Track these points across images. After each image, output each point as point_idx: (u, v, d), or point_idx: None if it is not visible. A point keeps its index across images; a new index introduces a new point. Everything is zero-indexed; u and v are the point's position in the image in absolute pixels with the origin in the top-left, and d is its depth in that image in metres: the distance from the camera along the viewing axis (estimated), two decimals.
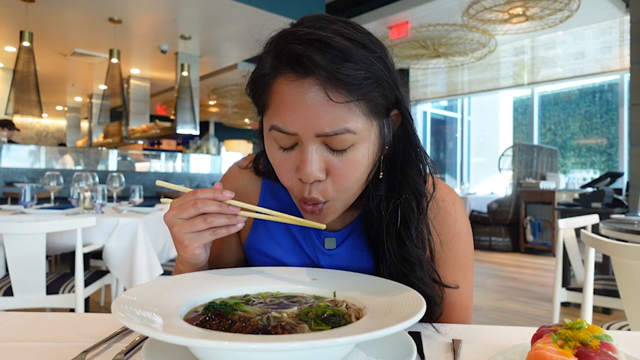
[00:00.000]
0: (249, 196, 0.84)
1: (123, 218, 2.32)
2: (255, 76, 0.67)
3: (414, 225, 0.71)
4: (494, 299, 3.93)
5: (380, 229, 0.72)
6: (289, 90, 0.62)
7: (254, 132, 0.85)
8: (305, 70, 0.60)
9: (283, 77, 0.62)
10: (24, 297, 1.97)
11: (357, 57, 0.60)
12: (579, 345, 0.46)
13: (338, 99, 0.60)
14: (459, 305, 0.80)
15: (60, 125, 13.51)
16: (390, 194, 0.72)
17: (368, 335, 0.42)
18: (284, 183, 0.69)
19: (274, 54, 0.64)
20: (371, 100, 0.63)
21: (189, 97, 7.12)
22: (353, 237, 0.78)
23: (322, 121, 0.61)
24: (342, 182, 0.65)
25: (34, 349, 0.59)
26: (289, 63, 0.61)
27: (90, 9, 5.72)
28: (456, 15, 6.29)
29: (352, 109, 0.61)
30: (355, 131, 0.62)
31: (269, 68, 0.64)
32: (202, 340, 0.41)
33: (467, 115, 9.84)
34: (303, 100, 0.60)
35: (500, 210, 6.69)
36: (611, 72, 7.18)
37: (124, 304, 0.51)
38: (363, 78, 0.61)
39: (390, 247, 0.70)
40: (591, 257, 1.75)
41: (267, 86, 0.65)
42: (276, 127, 0.64)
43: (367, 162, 0.67)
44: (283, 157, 0.66)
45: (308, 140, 0.63)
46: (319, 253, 0.78)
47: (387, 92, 0.65)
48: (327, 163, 0.64)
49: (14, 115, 5.60)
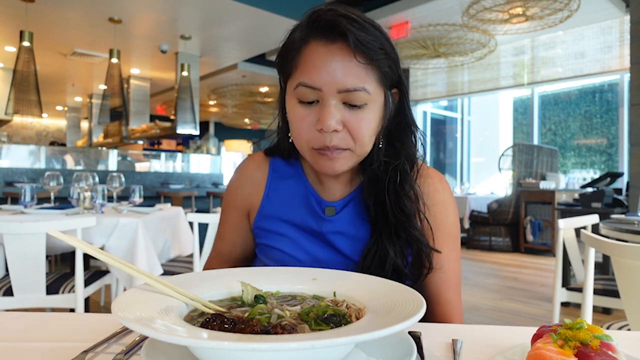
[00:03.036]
0: (258, 177, 0.94)
1: (123, 218, 2.32)
2: (286, 45, 0.80)
3: (408, 184, 0.84)
4: (494, 299, 3.93)
5: (382, 188, 0.83)
6: (319, 52, 0.75)
7: (254, 132, 0.91)
8: (336, 36, 0.74)
9: (315, 42, 0.76)
10: (24, 297, 1.96)
11: (375, 34, 0.76)
12: (579, 345, 0.46)
13: (361, 61, 0.74)
14: (448, 283, 0.86)
15: (60, 125, 13.51)
16: (389, 159, 0.84)
17: (368, 335, 0.42)
18: (301, 136, 0.79)
19: (307, 25, 0.77)
20: (381, 69, 0.77)
21: (189, 97, 7.11)
22: (350, 206, 0.88)
23: (345, 78, 0.73)
24: (357, 135, 0.77)
25: (34, 349, 0.59)
26: (321, 30, 0.75)
27: (90, 9, 5.72)
28: (456, 15, 6.29)
29: (369, 72, 0.75)
30: (369, 91, 0.75)
31: (300, 37, 0.78)
32: (202, 340, 0.41)
33: (467, 115, 9.83)
34: (331, 60, 0.74)
35: (500, 210, 6.69)
36: (611, 72, 7.18)
37: (124, 303, 0.51)
38: (378, 48, 0.75)
39: (390, 200, 0.82)
40: (591, 257, 1.75)
41: (298, 51, 0.77)
42: (303, 83, 0.75)
43: (375, 123, 0.79)
44: (304, 112, 0.77)
45: (330, 96, 0.75)
46: (320, 220, 0.88)
47: (393, 67, 0.79)
48: (344, 118, 0.76)
49: (13, 115, 5.59)
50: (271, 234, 0.90)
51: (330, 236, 0.87)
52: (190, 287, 0.62)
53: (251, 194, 0.94)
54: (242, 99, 10.60)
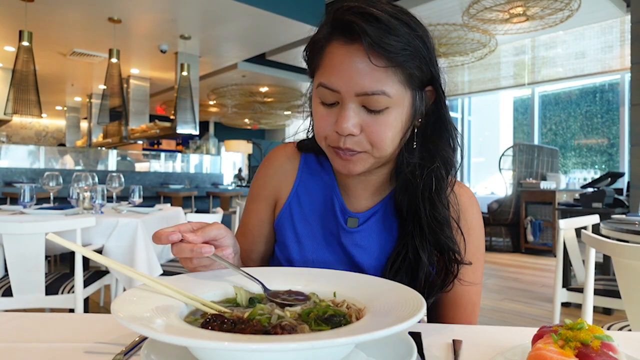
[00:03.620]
0: (288, 169, 0.92)
1: (122, 218, 2.32)
2: (312, 41, 0.77)
3: (443, 191, 0.79)
4: (494, 299, 3.93)
5: (415, 194, 0.79)
6: (339, 53, 0.72)
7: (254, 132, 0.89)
8: (354, 37, 0.70)
9: (335, 42, 0.72)
10: (23, 297, 1.96)
11: (399, 32, 0.70)
12: (580, 345, 0.46)
13: (378, 64, 0.69)
14: (466, 300, 0.83)
15: (59, 125, 13.51)
16: (423, 162, 0.79)
17: (368, 335, 0.42)
18: (321, 133, 0.77)
19: (331, 22, 0.74)
20: (407, 70, 0.71)
21: (188, 97, 7.11)
22: (374, 219, 0.85)
23: (362, 82, 0.70)
24: (375, 139, 0.73)
25: (34, 349, 0.59)
26: (341, 30, 0.71)
27: (90, 9, 5.72)
28: (456, 15, 6.28)
29: (389, 75, 0.70)
30: (390, 95, 0.71)
31: (324, 34, 0.75)
32: (202, 340, 0.41)
33: (468, 115, 9.83)
34: (349, 62, 0.70)
35: (500, 211, 6.69)
36: (612, 71, 7.18)
37: (123, 304, 0.51)
38: (401, 49, 0.70)
39: (424, 208, 0.78)
40: (592, 258, 1.74)
41: (321, 49, 0.75)
42: (323, 84, 0.73)
43: (398, 127, 0.75)
44: (325, 112, 0.75)
45: (348, 99, 0.71)
46: (341, 230, 0.85)
47: (423, 67, 0.73)
48: (362, 121, 0.73)
49: (13, 115, 5.59)
50: (290, 234, 0.88)
51: (349, 247, 0.84)
52: (191, 287, 0.62)
53: (280, 185, 0.91)
54: (242, 99, 10.59)
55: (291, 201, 0.89)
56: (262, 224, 0.92)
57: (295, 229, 0.88)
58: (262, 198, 0.92)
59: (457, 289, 0.82)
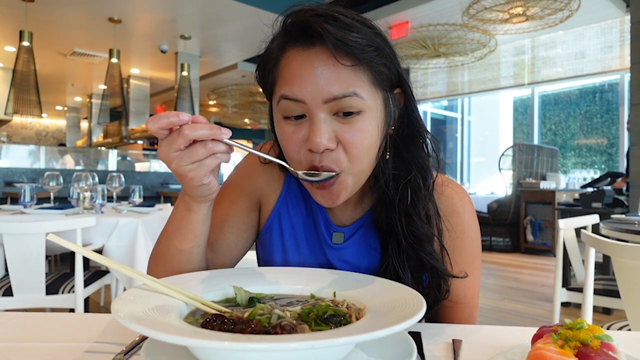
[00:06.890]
0: (271, 191, 0.86)
1: (123, 218, 2.32)
2: (263, 57, 0.71)
3: (421, 203, 0.74)
4: (494, 299, 3.93)
5: (391, 208, 0.74)
6: (298, 60, 0.66)
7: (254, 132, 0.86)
8: (313, 40, 0.65)
9: (291, 50, 0.67)
10: (23, 297, 1.96)
11: (360, 30, 0.65)
12: (580, 345, 0.46)
13: (345, 62, 0.64)
14: (463, 303, 0.81)
15: (60, 125, 13.51)
16: (399, 172, 0.74)
17: (368, 335, 0.42)
18: (292, 156, 0.69)
19: (285, 28, 0.68)
20: (374, 68, 0.66)
21: (188, 97, 7.11)
22: (360, 233, 0.80)
23: (329, 86, 0.64)
24: (353, 150, 0.66)
25: (34, 349, 0.59)
26: (297, 34, 0.66)
27: (90, 9, 5.72)
28: (456, 15, 6.29)
29: (358, 74, 0.65)
30: (361, 96, 0.65)
31: (276, 46, 0.69)
32: (202, 340, 0.41)
33: (467, 115, 9.83)
34: (311, 67, 0.64)
35: (500, 210, 6.69)
36: (611, 72, 7.18)
37: (123, 304, 0.51)
38: (366, 45, 0.64)
39: (400, 223, 0.73)
40: (591, 257, 1.74)
41: (276, 62, 0.69)
42: (284, 96, 0.66)
43: (375, 134, 0.68)
44: (292, 130, 0.68)
45: (316, 109, 0.65)
46: (326, 246, 0.81)
47: (389, 64, 0.69)
48: (337, 132, 0.66)
49: (13, 115, 5.59)
50: (277, 248, 0.84)
51: (336, 263, 0.81)
52: (191, 287, 0.62)
53: (267, 187, 0.85)
54: (242, 99, 10.60)
55: (279, 209, 0.84)
56: (236, 213, 0.84)
57: (283, 243, 0.84)
58: (245, 192, 0.85)
59: (455, 292, 0.79)
